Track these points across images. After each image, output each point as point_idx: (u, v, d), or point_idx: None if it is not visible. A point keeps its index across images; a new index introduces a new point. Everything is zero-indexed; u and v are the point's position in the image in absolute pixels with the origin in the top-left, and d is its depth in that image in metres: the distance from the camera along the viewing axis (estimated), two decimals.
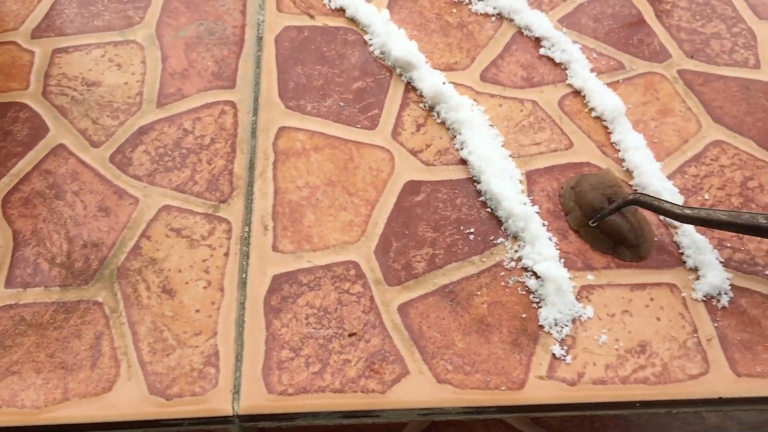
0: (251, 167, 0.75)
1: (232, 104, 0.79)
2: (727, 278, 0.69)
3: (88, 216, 0.71)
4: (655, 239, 0.72)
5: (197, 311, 0.66)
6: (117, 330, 0.65)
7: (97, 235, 0.70)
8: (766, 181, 0.76)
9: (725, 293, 0.68)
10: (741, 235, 0.72)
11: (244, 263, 0.68)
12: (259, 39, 0.85)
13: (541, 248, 0.69)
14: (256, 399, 0.61)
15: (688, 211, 0.67)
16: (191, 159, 0.75)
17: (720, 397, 0.63)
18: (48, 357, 0.63)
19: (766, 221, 0.65)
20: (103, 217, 0.71)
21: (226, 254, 0.69)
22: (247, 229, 0.70)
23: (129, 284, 0.67)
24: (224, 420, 0.61)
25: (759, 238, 0.72)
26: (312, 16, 0.87)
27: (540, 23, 0.87)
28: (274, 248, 0.69)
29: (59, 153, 0.75)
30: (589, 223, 0.71)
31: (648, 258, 0.71)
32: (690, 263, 0.70)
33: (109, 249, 0.69)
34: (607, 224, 0.71)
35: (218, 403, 0.61)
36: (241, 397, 0.61)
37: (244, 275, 0.68)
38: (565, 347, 0.65)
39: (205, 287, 0.67)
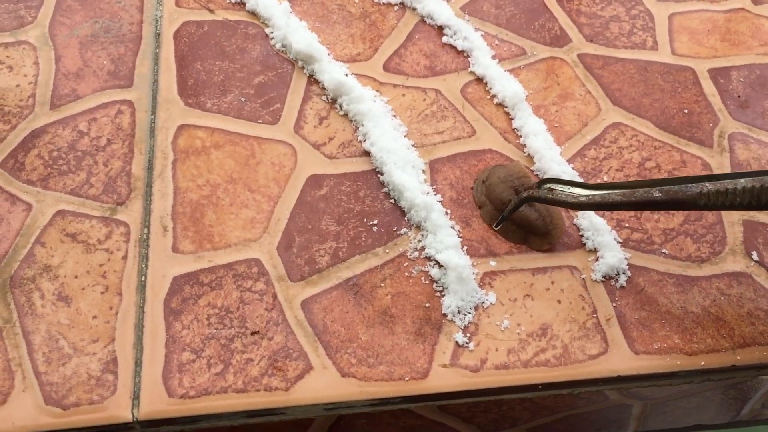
0: (150, 167, 0.73)
1: (130, 103, 0.77)
2: (625, 258, 0.70)
3: None
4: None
5: (94, 317, 0.64)
6: (10, 341, 0.63)
7: None
8: (663, 161, 0.78)
9: (623, 273, 0.70)
10: (638, 215, 0.74)
11: (143, 266, 0.67)
12: (157, 35, 0.83)
13: (443, 237, 0.69)
14: (156, 404, 0.60)
15: (583, 199, 0.66)
16: (87, 161, 0.73)
17: (618, 376, 0.65)
18: None
19: (660, 194, 0.64)
20: None
21: (125, 257, 0.67)
22: (146, 231, 0.69)
23: (22, 293, 0.65)
24: (124, 427, 0.60)
25: (656, 218, 0.73)
26: (212, 11, 0.86)
27: (442, 11, 0.87)
28: (174, 249, 0.68)
29: None
30: (493, 227, 0.72)
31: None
32: (589, 245, 0.71)
33: (1, 258, 0.67)
34: (516, 215, 0.71)
35: (117, 410, 0.60)
36: (141, 402, 0.60)
37: (143, 278, 0.67)
38: (468, 334, 0.65)
39: (102, 292, 0.65)
